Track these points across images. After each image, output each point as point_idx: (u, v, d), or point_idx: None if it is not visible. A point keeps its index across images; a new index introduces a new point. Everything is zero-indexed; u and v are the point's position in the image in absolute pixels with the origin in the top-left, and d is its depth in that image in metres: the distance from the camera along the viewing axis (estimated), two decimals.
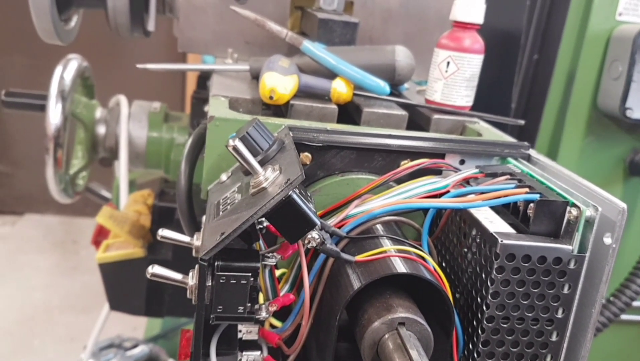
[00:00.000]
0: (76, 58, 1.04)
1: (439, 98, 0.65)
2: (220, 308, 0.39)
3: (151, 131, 1.10)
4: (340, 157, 0.52)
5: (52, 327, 2.12)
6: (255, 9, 0.70)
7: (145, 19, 0.88)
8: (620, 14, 1.04)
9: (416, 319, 0.39)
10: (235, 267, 0.39)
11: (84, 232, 2.69)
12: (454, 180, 0.49)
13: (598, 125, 1.12)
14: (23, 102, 1.05)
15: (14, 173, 2.84)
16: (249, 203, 0.39)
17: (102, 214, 1.01)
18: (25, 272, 2.42)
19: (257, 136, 0.44)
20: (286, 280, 0.47)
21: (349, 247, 0.44)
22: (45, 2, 0.78)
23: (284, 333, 0.44)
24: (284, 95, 0.58)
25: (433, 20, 0.83)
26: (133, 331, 1.90)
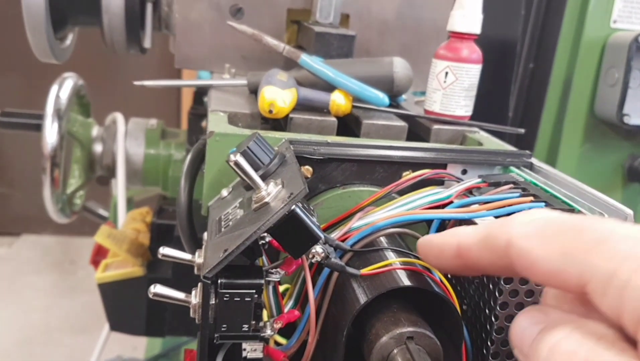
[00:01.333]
0: (72, 76, 1.03)
1: (438, 108, 0.64)
2: (225, 327, 0.38)
3: (148, 148, 1.10)
4: (341, 170, 0.51)
5: (51, 349, 2.09)
6: (252, 23, 0.70)
7: (141, 36, 0.88)
8: (615, 21, 1.04)
9: (425, 333, 0.38)
10: (239, 284, 0.38)
11: (82, 251, 2.67)
12: (457, 190, 0.48)
13: (596, 132, 1.12)
14: (19, 121, 1.05)
15: (10, 194, 2.82)
16: (252, 219, 0.39)
17: (101, 233, 1.01)
18: (23, 293, 2.40)
19: (258, 150, 0.43)
20: (290, 295, 0.47)
21: (353, 260, 0.44)
22: (40, 20, 0.78)
23: (290, 351, 0.43)
24: (283, 108, 0.58)
25: (429, 31, 0.83)
26: (133, 351, 1.89)
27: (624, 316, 0.24)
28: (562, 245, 0.26)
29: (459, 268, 0.34)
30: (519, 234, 0.28)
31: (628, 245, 0.24)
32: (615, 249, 0.24)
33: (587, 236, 0.26)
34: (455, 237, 0.33)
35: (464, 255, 0.32)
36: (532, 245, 0.27)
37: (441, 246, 0.35)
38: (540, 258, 0.27)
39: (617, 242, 0.25)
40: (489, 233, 0.31)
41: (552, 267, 0.26)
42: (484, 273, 0.33)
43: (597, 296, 0.25)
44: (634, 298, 0.23)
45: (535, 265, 0.27)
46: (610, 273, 0.24)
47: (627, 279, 0.23)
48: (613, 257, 0.24)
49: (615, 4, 1.03)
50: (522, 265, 0.28)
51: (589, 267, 0.25)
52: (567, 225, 0.27)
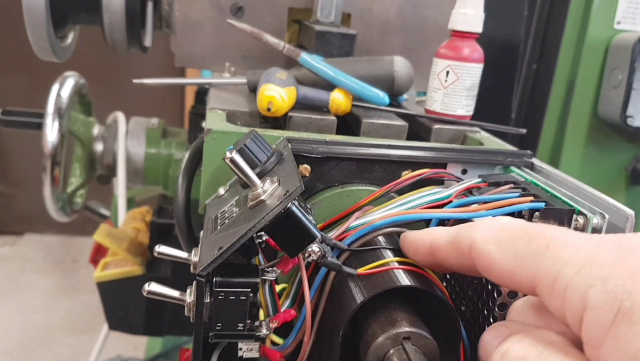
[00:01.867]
0: (73, 75, 1.03)
1: (439, 108, 0.64)
2: (220, 326, 0.38)
3: (149, 147, 1.10)
4: (340, 169, 0.51)
5: (53, 348, 2.09)
6: (253, 22, 0.70)
7: (141, 35, 0.87)
8: (619, 22, 1.03)
9: (422, 333, 0.37)
10: (234, 283, 0.38)
11: (84, 251, 2.67)
12: (456, 189, 0.48)
13: (599, 133, 1.11)
14: (20, 120, 1.05)
15: (13, 194, 2.83)
16: (248, 217, 0.38)
17: (100, 232, 1.00)
18: (25, 293, 2.40)
19: (255, 148, 0.43)
20: (287, 295, 0.46)
21: (350, 259, 0.43)
22: (41, 19, 0.78)
23: (286, 351, 0.43)
24: (282, 106, 0.57)
25: (431, 31, 0.82)
26: (134, 351, 1.89)
27: (566, 316, 0.26)
28: (515, 250, 0.29)
29: (431, 264, 0.37)
30: (480, 238, 0.31)
31: (570, 250, 0.26)
32: (559, 255, 0.27)
33: (537, 242, 0.28)
34: (430, 235, 0.37)
35: (435, 253, 0.36)
36: (490, 248, 0.30)
37: (417, 243, 0.38)
38: (496, 261, 0.30)
39: (561, 248, 0.27)
40: (456, 235, 0.33)
41: (507, 269, 0.29)
42: (452, 270, 0.36)
43: (545, 298, 0.27)
44: (573, 299, 0.25)
45: (493, 267, 0.30)
46: (554, 276, 0.26)
47: (568, 282, 0.25)
48: (557, 262, 0.26)
49: (619, 5, 1.02)
50: (482, 266, 0.31)
51: (537, 271, 0.27)
52: (521, 232, 0.29)
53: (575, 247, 0.27)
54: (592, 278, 0.25)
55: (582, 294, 0.25)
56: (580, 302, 0.25)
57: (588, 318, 0.24)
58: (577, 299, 0.25)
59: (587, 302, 0.24)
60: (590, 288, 0.25)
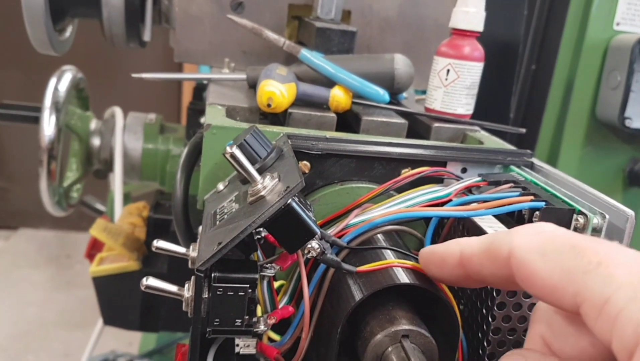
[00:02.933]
0: (71, 69, 1.03)
1: (439, 106, 0.64)
2: (217, 321, 0.37)
3: (146, 143, 1.09)
4: (339, 166, 0.51)
5: (46, 343, 2.09)
6: (253, 19, 0.69)
7: (141, 29, 0.87)
8: (618, 23, 1.04)
9: (420, 331, 0.37)
10: (233, 278, 0.37)
11: (79, 246, 2.66)
12: (456, 188, 0.47)
13: (597, 134, 1.11)
14: (17, 114, 1.05)
15: (8, 188, 2.82)
16: (247, 212, 0.38)
17: (96, 227, 1.00)
18: (19, 287, 2.39)
19: (255, 144, 0.43)
20: (285, 291, 0.46)
21: (349, 257, 0.43)
22: (39, 11, 0.77)
23: (283, 347, 0.43)
24: (282, 102, 0.57)
25: (431, 29, 0.82)
26: (128, 346, 1.88)
27: (613, 343, 0.24)
28: (562, 262, 0.26)
29: (460, 278, 0.34)
30: (521, 245, 0.28)
31: (625, 271, 0.24)
32: (613, 275, 0.24)
33: (588, 257, 0.26)
34: (459, 245, 0.33)
35: (466, 264, 0.32)
36: (533, 258, 0.28)
37: (443, 255, 0.34)
38: (539, 273, 0.27)
39: (616, 267, 0.25)
40: (492, 241, 0.31)
41: (550, 283, 0.27)
42: (484, 283, 0.33)
43: (590, 319, 0.25)
44: (625, 327, 0.23)
45: (534, 279, 0.27)
46: (605, 298, 0.24)
47: (621, 308, 0.23)
48: (610, 283, 0.24)
49: (618, 6, 1.02)
50: (521, 277, 0.28)
51: (585, 289, 0.25)
52: (570, 243, 0.27)
53: (629, 267, 0.24)
54: None
55: (637, 325, 0.23)
56: (634, 334, 0.23)
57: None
58: (631, 330, 0.23)
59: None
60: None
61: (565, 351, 0.29)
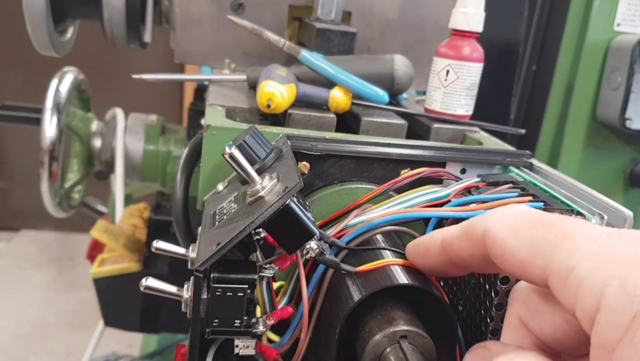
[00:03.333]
0: (72, 71, 1.03)
1: (439, 107, 0.64)
2: (216, 322, 0.38)
3: (148, 144, 1.10)
4: (339, 166, 0.51)
5: (48, 344, 2.09)
6: (253, 20, 0.69)
7: (141, 30, 0.87)
8: (619, 24, 1.03)
9: (419, 332, 0.37)
10: (232, 279, 0.37)
11: (81, 247, 2.67)
12: (455, 189, 0.47)
13: (597, 135, 1.11)
14: (18, 115, 1.05)
15: (10, 189, 2.82)
16: (246, 213, 0.38)
17: (97, 228, 1.00)
18: (21, 288, 2.40)
19: (254, 144, 0.43)
20: (284, 292, 0.46)
21: (348, 257, 0.43)
22: (40, 13, 0.77)
23: (282, 348, 0.43)
24: (282, 103, 0.57)
25: (431, 30, 0.82)
26: (129, 348, 1.88)
27: (576, 310, 0.25)
28: (531, 237, 0.28)
29: (443, 264, 0.35)
30: (494, 224, 0.30)
31: (588, 244, 0.26)
32: (577, 247, 0.26)
33: (555, 232, 0.27)
34: (440, 232, 0.35)
35: (447, 248, 0.34)
36: (504, 235, 0.29)
37: (427, 243, 0.37)
38: (510, 248, 0.29)
39: (579, 240, 0.26)
40: (469, 224, 0.32)
41: (520, 258, 0.28)
42: (465, 267, 0.35)
43: (557, 289, 0.26)
44: (587, 297, 0.24)
45: (506, 255, 0.29)
46: (569, 269, 0.25)
47: (583, 277, 0.25)
48: (574, 254, 0.26)
49: (619, 7, 1.02)
50: (495, 254, 0.30)
51: (551, 261, 0.26)
52: (539, 220, 0.28)
53: (593, 241, 0.26)
54: (609, 277, 0.24)
55: (597, 293, 0.24)
56: (594, 301, 0.24)
57: (602, 320, 0.24)
58: (592, 297, 0.24)
59: (602, 302, 0.24)
60: (606, 287, 0.24)
61: (541, 329, 0.30)
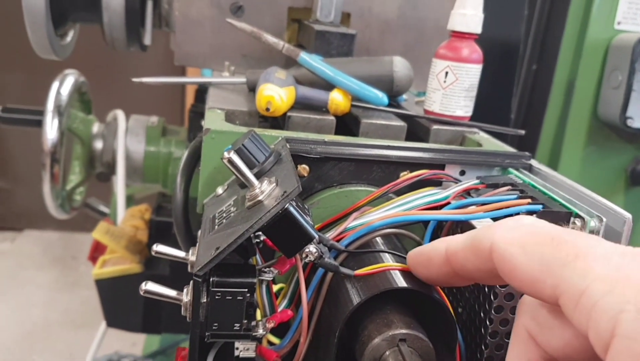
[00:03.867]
0: (73, 73, 1.03)
1: (438, 108, 0.64)
2: (216, 326, 0.38)
3: (149, 145, 1.10)
4: (338, 169, 0.51)
5: (51, 343, 2.10)
6: (252, 22, 0.70)
7: (141, 33, 0.87)
8: (619, 22, 1.03)
9: (418, 335, 0.38)
10: (231, 283, 0.38)
11: (84, 247, 2.67)
12: (454, 191, 0.48)
13: (599, 134, 1.11)
14: (20, 117, 1.05)
15: (13, 190, 2.83)
16: (245, 217, 0.38)
17: (99, 230, 1.00)
18: (24, 288, 2.40)
19: (253, 148, 0.43)
20: (284, 295, 0.46)
21: (348, 260, 0.43)
22: (40, 17, 0.78)
23: (282, 351, 0.43)
24: (281, 106, 0.57)
25: (431, 31, 0.82)
26: (132, 347, 1.89)
27: (590, 334, 0.24)
28: (541, 255, 0.27)
29: (447, 275, 0.34)
30: (502, 239, 0.29)
31: (602, 264, 0.25)
32: (590, 267, 0.25)
33: (566, 250, 0.26)
34: (444, 242, 0.34)
35: (452, 260, 0.33)
36: (513, 251, 0.28)
37: (430, 253, 0.35)
38: (519, 265, 0.28)
39: (593, 261, 0.25)
40: (474, 236, 0.31)
41: (530, 276, 0.27)
42: (470, 279, 0.34)
43: (569, 310, 0.25)
44: (600, 319, 0.23)
45: (515, 271, 0.28)
46: (581, 290, 0.24)
47: (596, 300, 0.24)
48: (586, 275, 0.25)
49: (619, 5, 1.02)
50: (503, 270, 0.29)
51: (562, 281, 0.25)
52: (550, 236, 0.27)
53: (606, 261, 0.25)
54: (624, 302, 0.23)
55: (611, 317, 0.23)
56: (609, 326, 0.23)
57: (618, 347, 0.22)
58: (606, 322, 0.23)
59: (617, 329, 0.22)
60: (622, 313, 0.22)
61: (550, 344, 0.29)
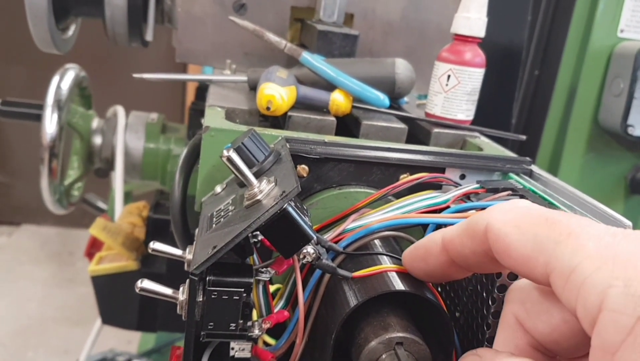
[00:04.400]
0: (74, 68, 1.03)
1: (439, 112, 0.64)
2: (211, 325, 0.37)
3: (148, 142, 1.09)
4: (338, 170, 0.51)
5: (46, 339, 2.09)
6: (255, 20, 0.69)
7: (143, 29, 0.87)
8: (622, 30, 1.03)
9: (415, 339, 0.37)
10: (228, 282, 0.37)
11: (81, 243, 2.67)
12: (454, 195, 0.47)
13: (599, 142, 1.11)
14: (19, 111, 1.05)
15: (11, 184, 2.82)
16: (243, 216, 0.38)
17: (96, 226, 1.00)
18: (20, 283, 2.40)
19: (252, 147, 0.43)
20: (280, 296, 0.46)
21: (345, 262, 0.43)
22: (42, 10, 0.77)
23: (278, 352, 0.42)
24: (282, 105, 0.57)
25: (434, 34, 0.82)
26: (127, 345, 1.88)
27: (577, 310, 0.25)
28: (535, 233, 0.27)
29: (444, 265, 0.34)
30: (497, 220, 0.29)
31: (593, 243, 0.25)
32: (582, 245, 0.25)
33: (559, 229, 0.27)
34: (439, 232, 0.35)
35: (449, 247, 0.33)
36: (508, 230, 0.29)
37: (427, 244, 0.36)
38: (513, 244, 0.28)
39: (584, 239, 0.25)
40: (470, 220, 0.32)
41: (523, 254, 0.28)
42: (467, 267, 0.34)
43: (558, 288, 0.26)
44: (589, 296, 0.24)
45: (509, 250, 0.28)
46: (572, 267, 0.25)
47: (586, 276, 0.24)
48: (578, 253, 0.25)
49: (622, 13, 1.02)
50: (497, 250, 0.29)
51: (554, 258, 0.26)
52: (543, 217, 0.28)
53: (598, 240, 0.25)
54: (613, 278, 0.23)
55: (600, 292, 0.23)
56: (597, 301, 0.23)
57: (604, 321, 0.23)
58: (594, 297, 0.23)
59: (605, 303, 0.23)
60: (610, 288, 0.23)
61: (537, 329, 0.29)
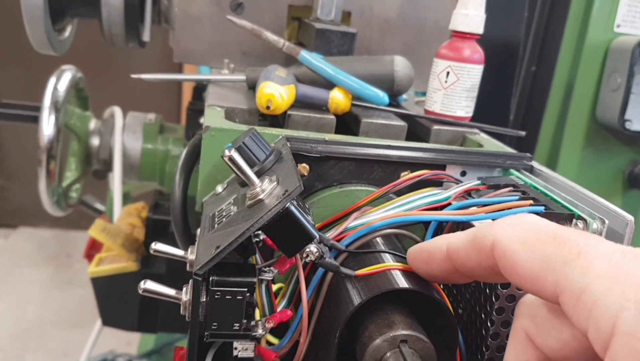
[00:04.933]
0: (70, 69, 1.03)
1: (439, 109, 0.64)
2: (215, 325, 0.37)
3: (146, 143, 1.09)
4: (338, 168, 0.50)
5: (45, 342, 2.09)
6: (252, 19, 0.69)
7: (140, 29, 0.87)
8: (619, 25, 1.03)
9: (419, 336, 0.37)
10: (231, 282, 0.37)
11: (78, 245, 2.66)
12: (455, 191, 0.47)
13: (597, 137, 1.11)
14: (16, 113, 1.04)
15: (8, 186, 2.81)
16: (245, 216, 0.38)
17: (95, 227, 1.00)
18: (18, 286, 2.39)
19: (253, 146, 0.43)
20: (283, 295, 0.46)
21: (348, 260, 0.43)
22: (38, 11, 0.77)
23: (281, 351, 0.42)
24: (281, 104, 0.57)
25: (431, 31, 0.82)
26: (127, 346, 1.88)
27: (589, 332, 0.24)
28: (543, 252, 0.27)
29: (447, 271, 0.34)
30: (504, 236, 0.29)
31: (604, 263, 0.25)
32: (592, 265, 0.25)
33: (568, 248, 0.26)
34: (445, 239, 0.34)
35: (453, 256, 0.33)
36: (515, 248, 0.28)
37: (431, 249, 0.35)
38: (521, 262, 0.28)
39: (595, 259, 0.25)
40: (476, 232, 0.31)
41: (531, 273, 0.27)
42: (470, 276, 0.33)
43: (568, 308, 0.25)
44: (600, 317, 0.23)
45: (516, 268, 0.28)
46: (582, 288, 0.24)
47: (597, 297, 0.24)
48: (588, 273, 0.25)
49: (619, 8, 1.02)
50: (504, 266, 0.29)
51: (564, 278, 0.25)
52: (552, 234, 0.27)
53: (607, 259, 0.25)
54: (625, 300, 0.23)
55: (612, 315, 0.23)
56: (609, 324, 0.23)
57: (618, 345, 0.22)
58: (606, 320, 0.23)
59: (617, 326, 0.23)
60: (622, 310, 0.23)
61: (548, 344, 0.29)
